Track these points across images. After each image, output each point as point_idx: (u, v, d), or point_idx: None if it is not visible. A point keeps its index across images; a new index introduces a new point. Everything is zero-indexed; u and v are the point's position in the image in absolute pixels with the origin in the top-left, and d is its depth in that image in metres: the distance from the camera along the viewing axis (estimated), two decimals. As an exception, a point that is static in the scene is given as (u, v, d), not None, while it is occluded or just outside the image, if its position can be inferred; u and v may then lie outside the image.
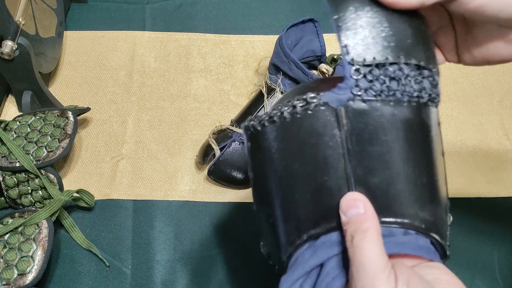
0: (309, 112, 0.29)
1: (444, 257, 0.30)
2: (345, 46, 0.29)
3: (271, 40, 0.72)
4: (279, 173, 0.30)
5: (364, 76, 0.28)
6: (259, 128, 0.31)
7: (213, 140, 0.58)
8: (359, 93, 0.28)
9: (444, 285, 0.26)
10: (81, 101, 0.64)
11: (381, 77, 0.28)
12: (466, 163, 0.62)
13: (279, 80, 0.59)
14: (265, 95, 0.60)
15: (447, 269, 0.28)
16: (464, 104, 0.67)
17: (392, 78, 0.29)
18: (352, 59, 0.28)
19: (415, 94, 0.29)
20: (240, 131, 0.58)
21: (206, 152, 0.58)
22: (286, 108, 0.30)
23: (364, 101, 0.28)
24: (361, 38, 0.29)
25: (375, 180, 0.28)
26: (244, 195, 0.58)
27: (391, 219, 0.28)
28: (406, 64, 0.29)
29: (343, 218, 0.28)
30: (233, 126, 0.59)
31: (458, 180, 0.61)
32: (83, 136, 0.61)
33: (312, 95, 0.29)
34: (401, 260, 0.28)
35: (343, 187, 0.28)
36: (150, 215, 0.56)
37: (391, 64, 0.29)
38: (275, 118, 0.30)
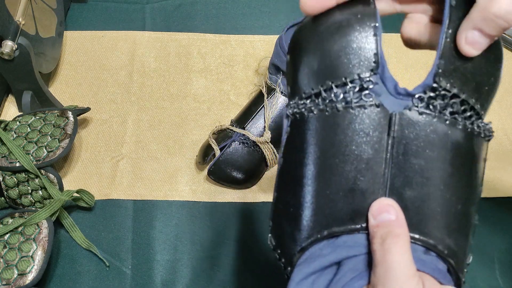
0: (364, 109, 0.28)
1: None
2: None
3: (271, 40, 0.72)
4: (317, 164, 0.29)
5: (430, 95, 0.28)
6: (305, 114, 0.30)
7: (213, 140, 0.58)
8: (419, 105, 0.28)
9: None
10: (81, 101, 0.64)
11: (445, 101, 0.29)
12: (466, 163, 0.62)
13: (279, 80, 0.59)
14: (265, 95, 0.60)
15: None
16: (464, 104, 0.67)
17: (452, 107, 0.29)
18: (436, 81, 0.28)
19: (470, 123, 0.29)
20: (240, 131, 0.58)
21: (206, 152, 0.59)
22: (340, 99, 0.29)
23: (420, 113, 0.28)
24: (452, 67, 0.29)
25: (411, 193, 0.28)
26: (244, 195, 0.58)
27: (416, 236, 0.28)
28: (473, 108, 0.29)
29: (372, 221, 0.27)
30: (233, 126, 0.59)
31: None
32: (83, 136, 0.61)
33: (370, 93, 0.28)
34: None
35: (377, 192, 0.28)
36: (150, 215, 0.56)
37: (454, 95, 0.29)
38: (327, 108, 0.29)
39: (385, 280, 0.25)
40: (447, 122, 0.28)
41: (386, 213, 0.27)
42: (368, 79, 0.29)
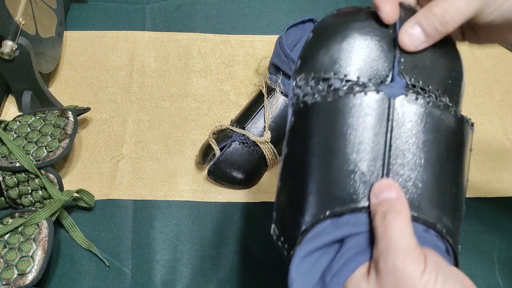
0: (364, 95, 0.30)
1: None
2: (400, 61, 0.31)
3: (271, 40, 0.72)
4: (320, 148, 0.30)
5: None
6: (309, 102, 0.31)
7: (213, 140, 0.58)
8: (412, 92, 0.30)
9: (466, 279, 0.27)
10: (81, 101, 0.64)
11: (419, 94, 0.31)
12: (466, 163, 0.62)
13: (279, 80, 0.59)
14: (265, 95, 0.60)
15: (461, 272, 0.28)
16: (464, 104, 0.67)
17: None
18: (404, 75, 0.31)
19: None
20: (240, 131, 0.58)
21: (206, 152, 0.59)
22: (342, 84, 0.31)
23: (417, 98, 0.30)
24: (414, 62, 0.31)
25: (410, 174, 0.29)
26: (244, 195, 0.58)
27: (416, 214, 0.29)
28: (441, 100, 0.31)
29: (373, 200, 0.28)
30: (233, 126, 0.59)
31: (458, 180, 0.61)
32: (83, 136, 0.61)
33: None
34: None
35: (378, 173, 0.29)
36: (150, 215, 0.56)
37: (422, 88, 0.31)
38: (329, 94, 0.31)
39: (387, 253, 0.26)
40: (440, 107, 0.30)
41: (387, 192, 0.28)
42: (376, 82, 0.31)
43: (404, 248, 0.26)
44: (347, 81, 0.31)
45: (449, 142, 0.31)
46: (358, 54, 0.31)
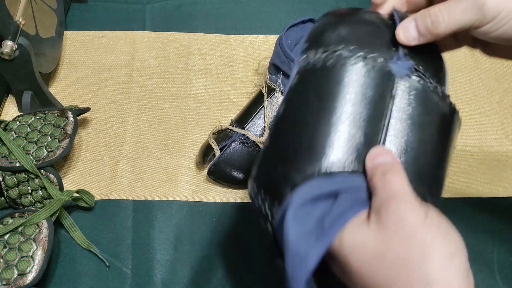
0: (373, 67, 0.31)
1: None
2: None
3: (271, 40, 0.72)
4: (322, 109, 0.31)
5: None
6: (318, 66, 0.32)
7: (213, 140, 0.58)
8: (415, 75, 0.32)
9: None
10: (81, 101, 0.64)
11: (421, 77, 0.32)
12: (466, 162, 0.62)
13: (279, 80, 0.59)
14: (265, 95, 0.60)
15: None
16: (464, 104, 0.67)
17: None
18: (407, 56, 0.32)
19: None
20: (240, 131, 0.58)
21: (206, 152, 0.59)
22: (351, 54, 0.32)
23: (419, 81, 0.31)
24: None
25: (403, 149, 0.30)
26: (244, 195, 0.58)
27: None
28: (436, 87, 0.33)
29: (369, 164, 0.29)
30: (233, 126, 0.59)
31: (457, 180, 0.61)
32: (83, 136, 0.62)
33: (381, 59, 0.32)
34: None
35: (375, 142, 0.30)
36: (150, 215, 0.56)
37: (423, 74, 0.32)
38: (340, 61, 0.32)
39: (390, 201, 0.27)
40: (439, 94, 0.32)
41: (383, 156, 0.29)
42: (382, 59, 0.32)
43: (406, 197, 0.27)
44: (356, 52, 0.32)
45: (442, 128, 0.32)
46: (366, 35, 0.33)
